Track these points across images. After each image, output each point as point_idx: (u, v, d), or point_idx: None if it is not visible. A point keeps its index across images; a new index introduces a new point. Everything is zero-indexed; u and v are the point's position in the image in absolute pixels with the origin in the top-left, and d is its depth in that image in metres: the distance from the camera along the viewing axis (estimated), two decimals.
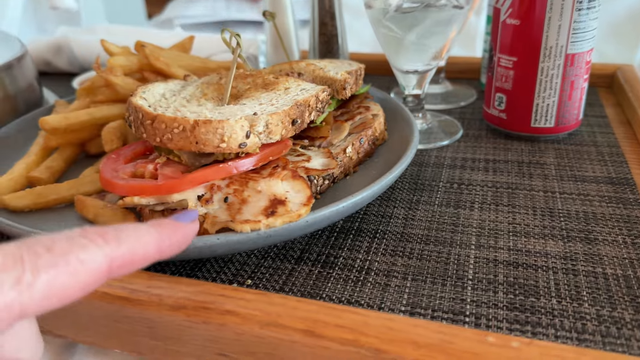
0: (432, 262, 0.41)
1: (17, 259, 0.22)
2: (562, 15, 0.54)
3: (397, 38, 0.57)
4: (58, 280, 0.23)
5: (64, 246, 0.24)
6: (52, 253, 0.23)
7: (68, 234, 0.25)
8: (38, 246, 0.23)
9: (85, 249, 0.24)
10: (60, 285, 0.23)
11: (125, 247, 0.26)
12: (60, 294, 0.23)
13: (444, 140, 0.62)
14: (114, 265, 0.25)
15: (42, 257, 0.23)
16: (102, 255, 0.25)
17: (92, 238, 0.25)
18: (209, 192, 0.40)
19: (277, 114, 0.42)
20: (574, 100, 0.59)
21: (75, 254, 0.24)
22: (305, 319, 0.33)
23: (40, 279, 0.22)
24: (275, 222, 0.38)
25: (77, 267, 0.23)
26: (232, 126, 0.39)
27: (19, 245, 0.23)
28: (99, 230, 0.26)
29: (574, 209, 0.47)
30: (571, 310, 0.36)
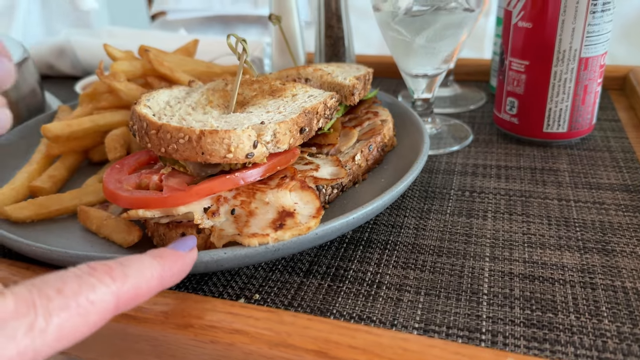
0: (446, 275, 0.40)
1: (29, 304, 0.23)
2: (576, 18, 0.53)
3: (406, 41, 0.55)
4: (69, 323, 0.24)
5: (74, 287, 0.24)
6: (62, 295, 0.24)
7: (77, 272, 0.26)
8: (49, 289, 0.24)
9: (95, 290, 0.25)
10: (71, 327, 0.24)
11: (130, 284, 0.27)
12: (71, 335, 0.24)
13: (454, 146, 0.61)
14: (120, 302, 0.26)
15: (54, 301, 0.23)
16: (110, 294, 0.26)
17: (100, 277, 0.26)
18: (216, 204, 0.39)
19: (285, 122, 0.41)
20: (587, 104, 0.57)
21: (85, 295, 0.25)
22: (317, 338, 0.32)
23: (52, 323, 0.23)
24: (284, 235, 0.37)
25: (88, 308, 0.24)
26: (239, 136, 0.38)
27: (30, 288, 0.23)
28: (105, 267, 0.26)
29: (589, 218, 0.46)
30: (590, 326, 0.34)
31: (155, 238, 0.42)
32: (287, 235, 0.37)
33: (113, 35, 1.01)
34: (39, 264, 0.41)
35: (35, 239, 0.40)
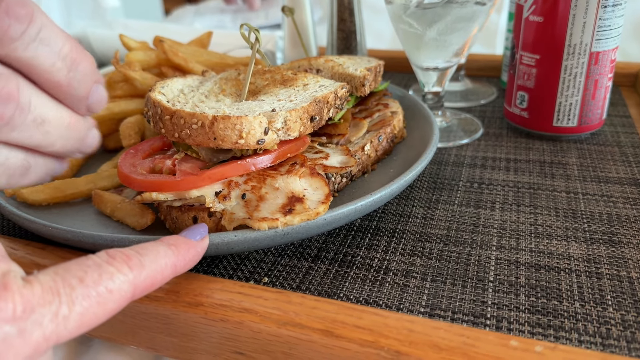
0: (452, 263, 0.40)
1: (54, 292, 0.24)
2: (587, 13, 0.53)
3: (418, 34, 0.56)
4: (89, 311, 0.25)
5: (95, 276, 0.26)
6: (84, 284, 0.25)
7: (97, 260, 0.27)
8: (72, 278, 0.25)
9: (113, 279, 0.26)
10: (91, 314, 0.25)
11: (147, 273, 0.28)
12: (90, 322, 0.25)
13: (463, 139, 0.61)
14: (137, 291, 0.28)
15: (76, 290, 0.25)
16: (127, 283, 0.27)
17: (118, 267, 0.27)
18: (227, 188, 0.40)
19: (296, 110, 0.41)
20: (597, 99, 0.57)
21: (105, 285, 0.26)
22: (324, 318, 0.32)
23: (74, 311, 0.24)
24: (293, 220, 0.37)
25: (106, 297, 0.26)
26: (250, 122, 0.39)
27: (54, 277, 0.25)
28: (124, 256, 0.28)
29: (597, 210, 0.46)
30: (595, 314, 0.35)
31: (168, 221, 0.42)
32: (296, 219, 0.37)
33: (128, 28, 1.03)
34: (54, 245, 0.42)
35: (51, 221, 0.41)
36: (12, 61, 0.27)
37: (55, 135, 0.30)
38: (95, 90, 0.31)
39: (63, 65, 0.29)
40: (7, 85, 0.26)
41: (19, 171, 0.29)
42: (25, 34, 0.27)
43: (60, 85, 0.29)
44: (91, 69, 0.31)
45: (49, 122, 0.29)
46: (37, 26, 0.27)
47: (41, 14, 0.28)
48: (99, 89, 0.32)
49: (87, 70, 0.30)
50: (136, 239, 0.37)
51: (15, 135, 0.28)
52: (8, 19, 0.26)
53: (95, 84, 0.31)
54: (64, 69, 0.29)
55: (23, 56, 0.27)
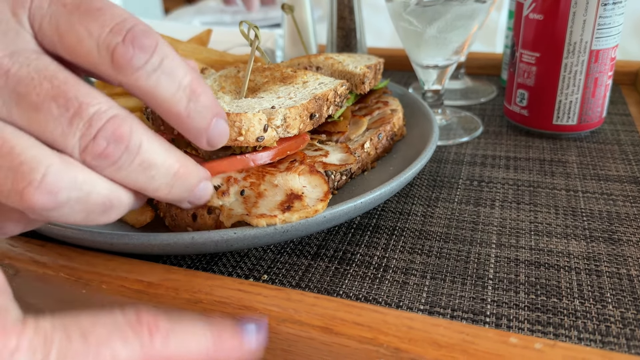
0: (452, 260, 0.40)
1: (47, 341, 0.21)
2: (587, 10, 0.53)
3: (418, 32, 0.56)
4: None
5: (102, 334, 0.22)
6: (85, 342, 0.22)
7: (114, 316, 0.23)
8: (74, 329, 0.22)
9: (125, 343, 0.22)
10: None
11: (171, 350, 0.23)
12: None
13: (463, 137, 0.61)
14: None
15: (73, 344, 0.21)
16: (140, 354, 0.23)
17: (138, 330, 0.23)
18: (226, 184, 0.40)
19: (296, 107, 0.41)
20: (597, 97, 0.57)
21: (112, 348, 0.22)
22: (323, 315, 0.32)
23: None
24: (291, 217, 0.37)
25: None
26: (250, 119, 0.39)
27: (55, 324, 0.22)
28: (151, 319, 0.23)
29: (597, 208, 0.46)
30: (595, 312, 0.35)
31: (167, 219, 0.42)
32: (294, 217, 0.37)
33: None
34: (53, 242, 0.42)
35: None
36: (133, 90, 0.28)
37: (160, 181, 0.29)
38: (216, 124, 0.31)
39: (183, 96, 0.29)
40: (121, 126, 0.26)
41: (101, 209, 0.28)
42: (148, 63, 0.27)
43: (180, 116, 0.29)
44: (212, 102, 0.30)
45: (156, 167, 0.28)
46: (160, 56, 0.27)
47: (165, 44, 0.28)
48: (219, 122, 0.31)
49: (208, 102, 0.30)
50: (136, 236, 0.37)
51: (120, 176, 0.28)
52: (133, 49, 0.26)
53: (216, 118, 0.31)
54: (184, 100, 0.29)
55: (145, 85, 0.27)
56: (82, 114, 0.26)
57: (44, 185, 0.25)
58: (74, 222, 0.28)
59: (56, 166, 0.25)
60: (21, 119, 0.26)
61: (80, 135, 0.26)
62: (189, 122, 0.30)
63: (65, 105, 0.26)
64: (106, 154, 0.26)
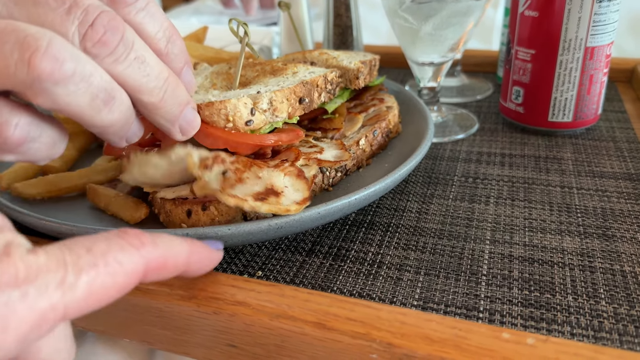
0: (446, 256, 0.41)
1: (60, 260, 0.23)
2: (582, 7, 0.53)
3: (413, 29, 0.56)
4: (98, 281, 0.23)
5: (103, 247, 0.24)
6: (91, 254, 0.24)
7: (106, 235, 0.25)
8: (78, 247, 0.24)
9: (123, 251, 0.25)
10: (100, 285, 0.23)
11: (160, 252, 0.27)
12: (99, 294, 0.23)
13: (459, 134, 0.61)
14: (149, 268, 0.26)
15: (83, 258, 0.23)
16: (138, 256, 0.25)
17: (129, 240, 0.25)
18: (212, 160, 0.38)
19: (281, 91, 0.42)
20: (592, 94, 0.57)
21: (114, 255, 0.24)
22: (317, 311, 0.32)
23: (81, 279, 0.23)
24: (261, 207, 0.36)
25: (116, 268, 0.24)
26: (235, 105, 0.39)
27: (61, 246, 0.23)
28: (136, 232, 0.26)
29: (591, 205, 0.46)
30: (588, 307, 0.35)
31: (162, 215, 0.42)
32: (263, 207, 0.36)
33: None
34: (48, 238, 0.42)
35: (45, 215, 0.41)
36: None
37: (155, 83, 0.32)
38: (187, 71, 0.35)
39: (163, 37, 0.33)
40: (115, 19, 0.30)
41: (103, 96, 0.29)
42: (138, 1, 0.31)
43: (160, 54, 0.33)
44: (184, 48, 0.35)
45: (150, 66, 0.31)
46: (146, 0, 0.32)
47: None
48: (189, 70, 0.35)
49: (182, 46, 0.34)
50: None
51: (120, 69, 0.30)
52: None
53: (186, 65, 0.35)
54: (164, 40, 0.33)
55: (133, 20, 0.31)
56: (79, 4, 0.29)
57: (49, 50, 0.27)
58: (77, 107, 0.29)
59: (60, 38, 0.28)
60: (21, 15, 0.28)
61: (78, 23, 0.28)
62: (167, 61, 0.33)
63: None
64: (104, 41, 0.29)
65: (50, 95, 0.27)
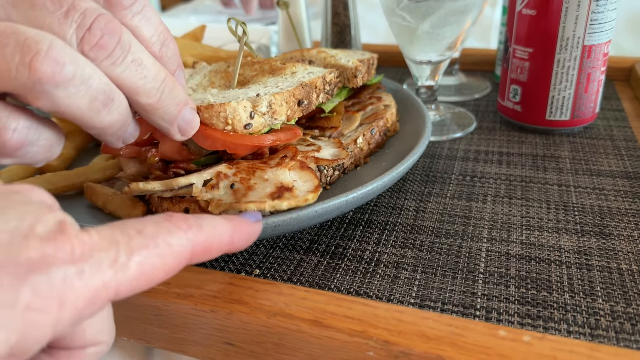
0: (443, 254, 0.41)
1: (112, 240, 0.23)
2: (580, 6, 0.53)
3: (411, 27, 0.56)
4: (148, 262, 0.24)
5: (153, 229, 0.25)
6: (142, 235, 0.24)
7: (155, 218, 0.26)
8: (129, 229, 0.24)
9: (172, 234, 0.25)
10: (150, 266, 0.24)
11: (205, 234, 0.27)
12: (149, 275, 0.24)
13: (457, 133, 0.61)
14: (195, 251, 0.26)
15: (134, 239, 0.24)
16: (186, 239, 0.26)
17: (176, 223, 0.26)
18: (216, 179, 0.39)
19: (281, 94, 0.42)
20: (590, 93, 0.57)
21: (163, 238, 0.25)
22: (313, 309, 0.32)
23: (133, 259, 0.23)
24: (281, 204, 0.36)
25: (165, 250, 0.25)
26: (234, 108, 0.39)
27: (112, 227, 0.24)
28: (182, 216, 0.27)
29: (588, 203, 0.46)
30: (584, 305, 0.35)
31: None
32: (284, 204, 0.37)
33: None
34: None
35: None
36: None
37: (152, 84, 0.32)
38: (179, 74, 0.35)
39: (158, 40, 0.33)
40: (112, 21, 0.30)
41: (102, 98, 0.30)
42: (134, 5, 0.32)
43: (154, 57, 0.33)
44: (177, 51, 0.35)
45: (147, 67, 0.32)
46: (142, 4, 0.32)
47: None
48: (181, 74, 0.36)
49: (175, 50, 0.35)
50: None
51: (117, 71, 0.30)
52: None
53: (179, 68, 0.36)
54: (158, 43, 0.33)
55: (129, 24, 0.31)
56: (76, 7, 0.29)
57: (50, 53, 0.27)
58: (77, 109, 0.29)
59: (60, 41, 0.28)
60: (18, 18, 0.28)
61: (76, 26, 0.29)
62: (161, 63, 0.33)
63: (59, 1, 0.29)
64: (102, 44, 0.29)
65: (51, 98, 0.28)
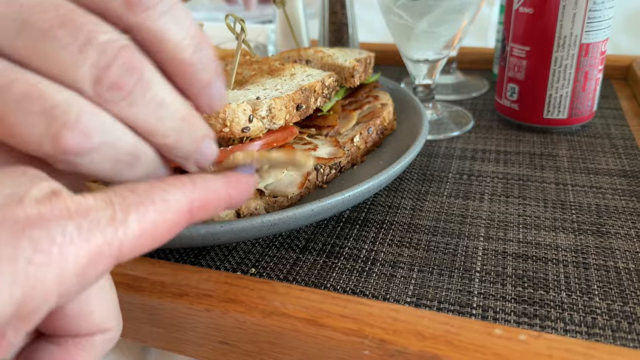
0: (440, 253, 0.40)
1: (106, 200, 0.22)
2: (577, 4, 0.53)
3: (408, 26, 0.56)
4: (147, 218, 0.23)
5: (146, 188, 0.24)
6: (136, 193, 0.23)
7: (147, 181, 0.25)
8: (122, 190, 0.23)
9: (166, 190, 0.24)
10: (150, 222, 0.23)
11: (200, 189, 0.26)
12: (150, 231, 0.23)
13: (454, 131, 0.61)
14: (194, 205, 0.25)
15: (129, 198, 0.23)
16: (181, 195, 0.25)
17: (169, 181, 0.25)
18: None
19: (281, 98, 0.41)
20: (587, 91, 0.57)
21: (158, 194, 0.24)
22: (309, 308, 0.32)
23: (131, 216, 0.22)
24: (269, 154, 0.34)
25: (162, 205, 0.24)
26: (234, 110, 0.39)
27: (105, 190, 0.23)
28: (174, 176, 0.26)
29: (585, 201, 0.46)
30: (581, 304, 0.35)
31: None
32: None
33: None
34: None
35: None
36: (141, 31, 0.26)
37: (170, 124, 0.28)
38: (215, 83, 0.29)
39: (191, 44, 0.27)
40: (132, 57, 0.26)
41: (128, 159, 0.27)
42: (160, 4, 0.26)
43: (185, 65, 0.27)
44: (214, 56, 0.29)
45: (166, 105, 0.27)
46: (169, 2, 0.27)
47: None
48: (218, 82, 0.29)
49: (211, 55, 0.29)
50: None
51: (133, 112, 0.26)
52: None
53: (216, 76, 0.29)
54: (190, 48, 0.27)
55: (153, 27, 0.26)
56: (92, 41, 0.25)
57: (78, 126, 0.24)
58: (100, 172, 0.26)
59: (89, 108, 0.25)
60: (26, 49, 0.25)
61: (91, 63, 0.25)
62: (193, 73, 0.28)
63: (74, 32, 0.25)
64: (120, 85, 0.25)
65: (71, 165, 0.25)
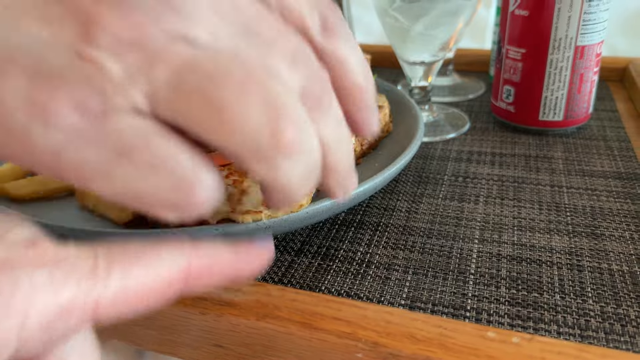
0: (434, 255, 0.41)
1: (90, 251, 0.20)
2: (572, 6, 0.53)
3: (404, 28, 0.56)
4: (134, 274, 0.21)
5: (139, 246, 0.22)
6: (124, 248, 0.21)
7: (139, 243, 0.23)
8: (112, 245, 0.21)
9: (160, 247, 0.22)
10: (136, 279, 0.21)
11: (203, 254, 0.23)
12: (136, 291, 0.21)
13: (450, 133, 0.61)
14: (192, 269, 0.22)
15: (116, 252, 0.21)
16: (179, 253, 0.22)
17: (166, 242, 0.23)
18: None
19: None
20: (583, 93, 0.58)
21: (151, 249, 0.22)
22: (303, 311, 0.32)
23: (114, 270, 0.20)
24: (276, 212, 0.37)
25: (153, 262, 0.21)
26: None
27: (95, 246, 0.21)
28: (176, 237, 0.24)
29: (580, 204, 0.46)
30: (575, 306, 0.35)
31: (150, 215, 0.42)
32: (280, 212, 0.37)
33: None
34: None
35: (33, 215, 0.41)
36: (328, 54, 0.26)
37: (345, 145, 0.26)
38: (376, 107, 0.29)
39: (363, 70, 0.27)
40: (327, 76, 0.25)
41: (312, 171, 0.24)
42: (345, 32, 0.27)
43: (359, 90, 0.27)
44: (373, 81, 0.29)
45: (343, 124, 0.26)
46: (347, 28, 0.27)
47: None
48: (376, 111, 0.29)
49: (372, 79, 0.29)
50: (119, 232, 0.37)
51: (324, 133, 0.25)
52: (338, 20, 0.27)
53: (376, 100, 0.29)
54: (362, 74, 0.27)
55: (340, 52, 0.26)
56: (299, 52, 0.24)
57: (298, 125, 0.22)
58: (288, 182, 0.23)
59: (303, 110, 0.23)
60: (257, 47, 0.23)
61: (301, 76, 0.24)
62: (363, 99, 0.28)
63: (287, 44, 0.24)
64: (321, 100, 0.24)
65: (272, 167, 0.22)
